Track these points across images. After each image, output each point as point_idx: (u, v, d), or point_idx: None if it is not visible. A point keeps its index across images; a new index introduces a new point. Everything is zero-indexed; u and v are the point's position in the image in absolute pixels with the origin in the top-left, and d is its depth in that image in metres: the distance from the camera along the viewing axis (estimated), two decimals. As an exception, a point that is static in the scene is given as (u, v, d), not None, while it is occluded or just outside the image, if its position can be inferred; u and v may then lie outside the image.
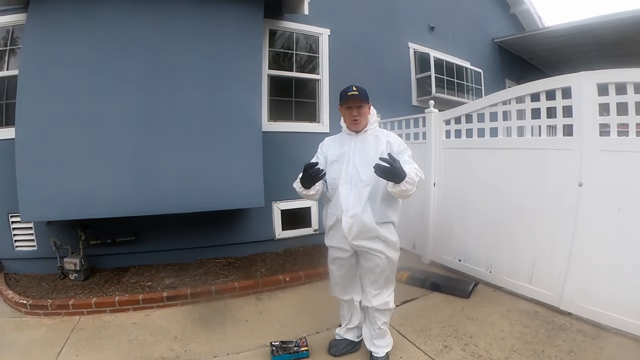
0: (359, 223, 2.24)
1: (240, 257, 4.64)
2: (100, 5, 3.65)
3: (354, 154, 2.35)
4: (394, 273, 2.46)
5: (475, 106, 4.02)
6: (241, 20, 4.10)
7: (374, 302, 2.42)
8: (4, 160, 3.87)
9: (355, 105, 2.32)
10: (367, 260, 2.37)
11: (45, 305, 3.36)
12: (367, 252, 2.34)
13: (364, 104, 2.34)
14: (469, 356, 2.57)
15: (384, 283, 2.42)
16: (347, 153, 2.37)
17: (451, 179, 4.28)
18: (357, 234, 2.27)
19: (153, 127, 3.79)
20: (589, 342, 2.66)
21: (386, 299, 2.44)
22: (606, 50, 7.06)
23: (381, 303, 2.42)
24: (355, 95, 2.28)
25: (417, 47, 6.41)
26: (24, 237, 4.23)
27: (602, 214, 2.86)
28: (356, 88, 2.30)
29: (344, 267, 2.48)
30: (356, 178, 2.29)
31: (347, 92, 2.31)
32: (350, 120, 2.36)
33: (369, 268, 2.38)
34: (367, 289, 2.45)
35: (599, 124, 2.91)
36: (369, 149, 2.34)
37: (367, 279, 2.43)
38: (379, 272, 2.37)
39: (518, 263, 3.51)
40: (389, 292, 2.46)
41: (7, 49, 4.15)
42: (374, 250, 2.31)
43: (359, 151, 2.35)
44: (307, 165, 2.20)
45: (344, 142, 2.43)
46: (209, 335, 2.98)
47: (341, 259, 2.45)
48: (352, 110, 2.33)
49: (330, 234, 2.46)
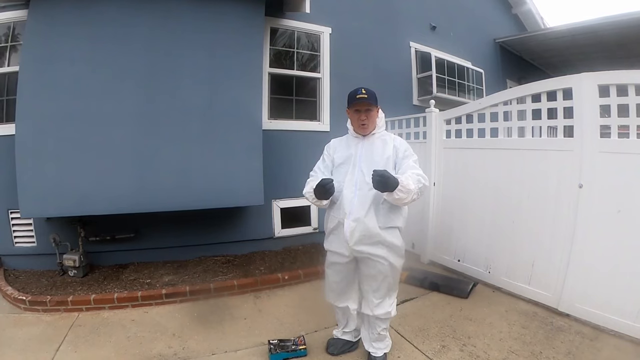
0: (362, 227, 2.18)
1: (239, 255, 4.65)
2: (100, 2, 3.64)
3: (361, 158, 2.30)
4: (396, 280, 2.39)
5: (476, 106, 4.01)
6: (242, 18, 4.09)
7: (376, 311, 2.34)
8: (4, 157, 3.87)
9: (363, 108, 2.27)
10: (368, 266, 2.29)
11: (44, 302, 3.37)
12: (368, 259, 2.26)
13: (373, 108, 2.28)
14: (466, 356, 2.57)
15: (387, 291, 2.34)
16: (354, 156, 2.32)
17: (451, 178, 4.28)
18: (359, 238, 2.20)
19: (153, 124, 3.79)
20: (587, 343, 2.66)
21: (388, 308, 2.37)
22: (608, 51, 7.05)
23: (383, 312, 2.35)
24: (365, 98, 2.23)
25: (418, 47, 6.40)
26: (24, 233, 4.23)
27: (602, 215, 2.86)
28: (365, 91, 2.24)
29: (341, 272, 2.41)
30: (361, 181, 2.23)
31: (355, 95, 2.25)
32: (358, 124, 2.30)
33: (371, 275, 2.30)
34: (369, 297, 2.36)
35: (600, 125, 2.91)
36: (376, 152, 2.30)
37: (369, 286, 2.35)
38: (381, 280, 2.29)
39: (517, 264, 3.51)
40: (391, 301, 2.39)
41: (8, 45, 4.14)
42: (376, 256, 2.24)
43: (365, 155, 2.30)
44: (325, 182, 2.14)
45: (351, 145, 2.38)
46: (207, 333, 2.99)
47: (339, 264, 2.38)
48: (360, 114, 2.27)
49: (330, 238, 2.41)
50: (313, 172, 2.45)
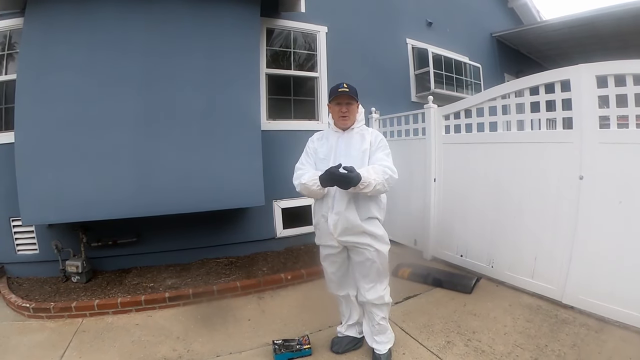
0: (344, 219, 2.28)
1: (241, 257, 4.65)
2: (96, 8, 3.64)
3: (340, 152, 2.37)
4: (385, 266, 2.46)
5: (474, 101, 4.00)
6: (238, 20, 4.09)
7: (368, 295, 2.43)
8: (4, 165, 3.87)
9: (344, 101, 2.36)
10: (357, 254, 2.39)
11: (48, 308, 3.37)
12: (355, 247, 2.37)
13: (353, 102, 2.38)
14: (472, 351, 2.57)
15: (376, 276, 2.41)
16: (334, 151, 2.39)
17: (451, 174, 4.27)
18: (342, 230, 2.30)
19: (152, 128, 3.79)
20: (592, 335, 2.66)
21: (381, 292, 2.44)
22: (605, 43, 7.04)
23: (376, 297, 2.42)
24: (346, 91, 2.32)
25: (415, 43, 6.39)
26: (26, 240, 4.23)
27: (603, 206, 2.85)
28: (347, 85, 2.35)
29: (335, 263, 2.51)
30: None
31: (337, 89, 2.35)
32: (339, 116, 2.38)
33: (360, 262, 2.40)
34: (360, 283, 2.46)
35: (599, 116, 2.90)
36: (354, 147, 2.37)
37: (359, 273, 2.44)
38: (369, 265, 2.37)
39: (520, 257, 3.50)
40: (383, 286, 2.46)
41: (4, 54, 4.15)
42: (362, 244, 2.34)
43: (344, 149, 2.38)
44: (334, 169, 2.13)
45: (331, 139, 2.45)
46: (211, 335, 2.99)
47: (332, 256, 2.48)
48: (341, 107, 2.37)
49: (318, 233, 2.49)
50: (301, 165, 2.49)
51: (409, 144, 4.74)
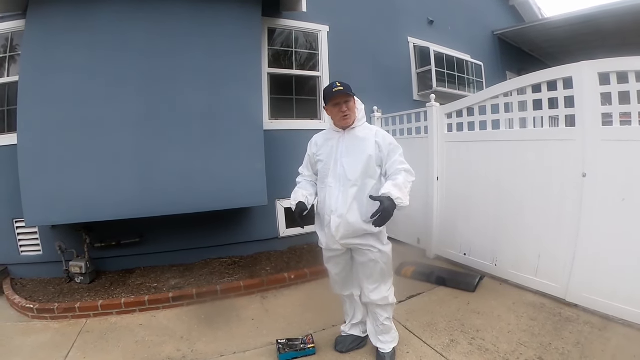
0: (345, 223, 2.24)
1: (245, 256, 4.65)
2: (97, 9, 3.65)
3: (342, 153, 2.33)
4: (389, 267, 2.44)
5: (476, 99, 3.99)
6: (239, 20, 4.09)
7: (373, 296, 2.40)
8: (8, 166, 3.89)
9: (342, 100, 2.28)
10: (360, 255, 2.36)
11: (52, 309, 3.38)
12: (359, 248, 2.34)
13: (351, 98, 2.30)
14: (476, 350, 2.56)
15: (380, 277, 2.38)
16: (335, 152, 2.35)
17: (454, 172, 4.27)
18: (344, 234, 2.27)
19: (154, 129, 3.80)
20: (596, 333, 2.65)
21: (385, 293, 2.41)
22: (607, 40, 7.01)
23: (380, 298, 2.40)
24: (341, 90, 2.25)
25: (416, 42, 6.37)
26: (29, 242, 4.25)
27: (607, 204, 2.84)
28: (340, 83, 2.28)
29: (339, 264, 2.49)
30: (343, 178, 2.28)
31: (332, 89, 2.28)
32: (340, 116, 2.31)
33: (363, 263, 2.37)
34: (364, 284, 2.43)
35: (602, 113, 2.89)
36: (357, 148, 2.31)
37: (362, 273, 2.41)
38: (372, 266, 2.35)
39: (523, 255, 3.49)
40: (387, 287, 2.43)
41: (7, 56, 4.16)
42: (365, 246, 2.31)
43: (346, 150, 2.32)
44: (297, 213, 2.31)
45: (332, 140, 2.41)
46: (215, 335, 2.99)
47: (335, 258, 2.46)
48: (340, 107, 2.28)
49: (321, 235, 2.46)
50: (300, 170, 2.54)
51: (411, 142, 4.73)
